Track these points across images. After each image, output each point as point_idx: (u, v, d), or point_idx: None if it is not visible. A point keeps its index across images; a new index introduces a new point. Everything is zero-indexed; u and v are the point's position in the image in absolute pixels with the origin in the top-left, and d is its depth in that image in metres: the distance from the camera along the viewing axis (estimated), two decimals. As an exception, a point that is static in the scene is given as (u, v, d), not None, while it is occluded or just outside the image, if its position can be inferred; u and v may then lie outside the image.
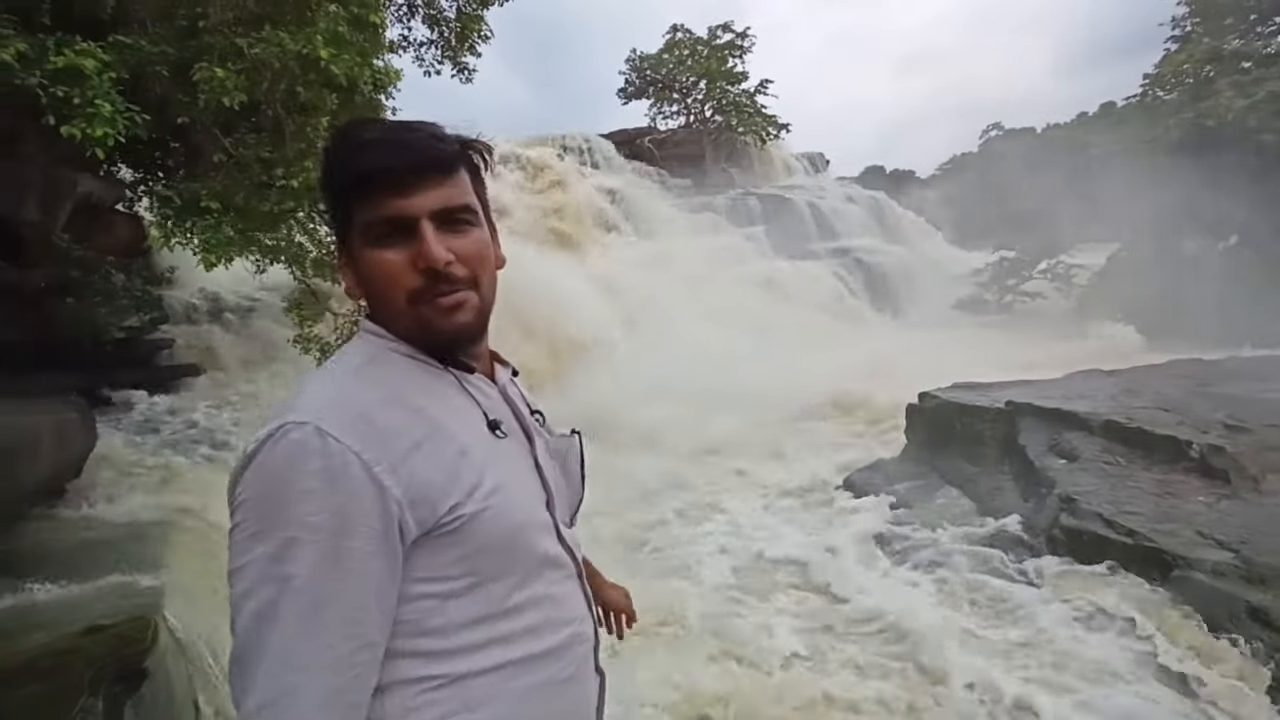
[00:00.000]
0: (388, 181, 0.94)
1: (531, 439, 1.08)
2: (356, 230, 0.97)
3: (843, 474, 8.75)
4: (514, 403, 1.10)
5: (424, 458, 0.88)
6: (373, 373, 0.95)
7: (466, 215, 1.00)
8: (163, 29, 6.05)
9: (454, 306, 0.97)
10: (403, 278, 0.95)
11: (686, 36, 35.24)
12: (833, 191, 32.87)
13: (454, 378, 1.02)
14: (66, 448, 4.90)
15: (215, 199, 6.32)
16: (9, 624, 3.26)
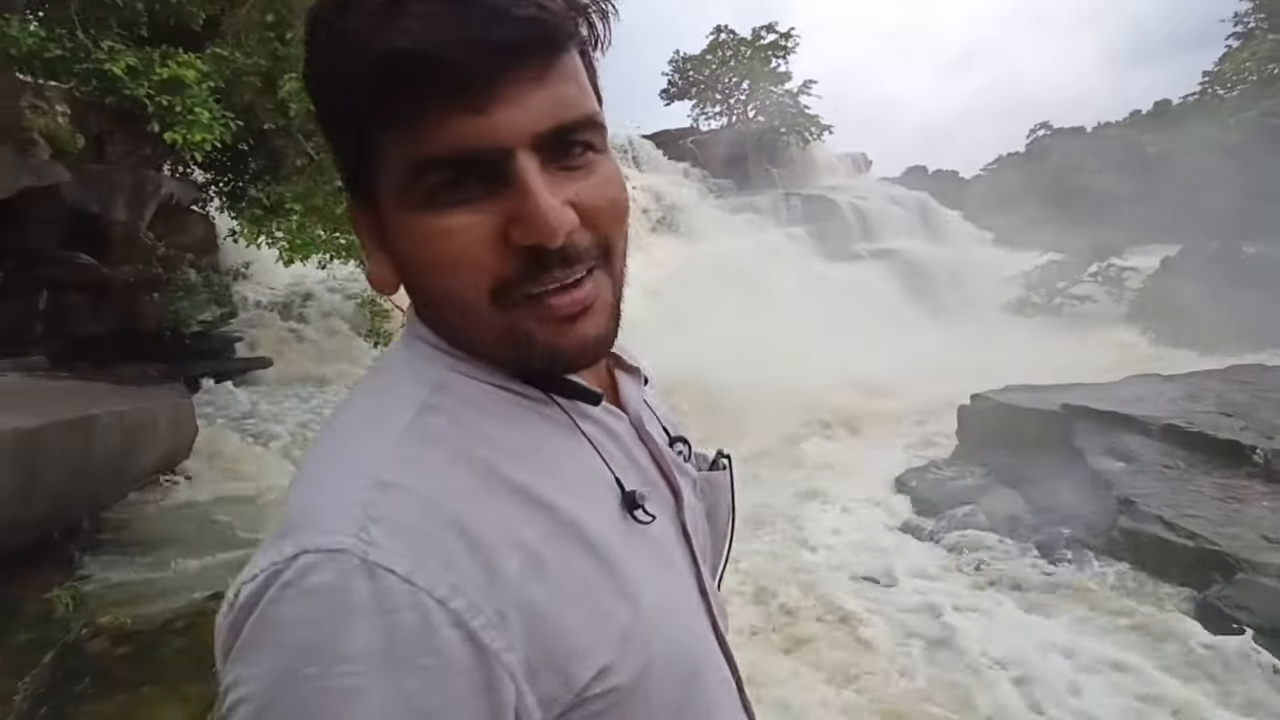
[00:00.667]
0: (453, 80, 0.50)
1: (679, 498, 0.69)
2: (392, 174, 0.54)
3: (895, 474, 8.81)
4: (652, 441, 0.69)
5: (548, 586, 0.52)
6: (442, 426, 0.55)
7: (590, 136, 0.58)
8: (253, 41, 6.43)
9: (579, 309, 0.57)
10: (484, 260, 0.54)
11: (730, 37, 35.34)
12: (876, 192, 32.61)
13: (568, 418, 0.62)
14: (180, 430, 5.29)
15: (298, 200, 6.69)
16: (143, 590, 3.59)
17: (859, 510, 8.09)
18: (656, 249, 21.64)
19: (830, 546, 7.01)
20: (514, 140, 0.52)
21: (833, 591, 5.86)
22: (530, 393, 0.62)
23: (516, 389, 0.61)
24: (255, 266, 9.99)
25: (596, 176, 0.59)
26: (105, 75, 5.58)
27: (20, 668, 2.83)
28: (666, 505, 0.68)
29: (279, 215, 6.66)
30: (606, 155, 0.61)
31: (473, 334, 0.59)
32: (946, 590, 6.09)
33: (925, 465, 8.91)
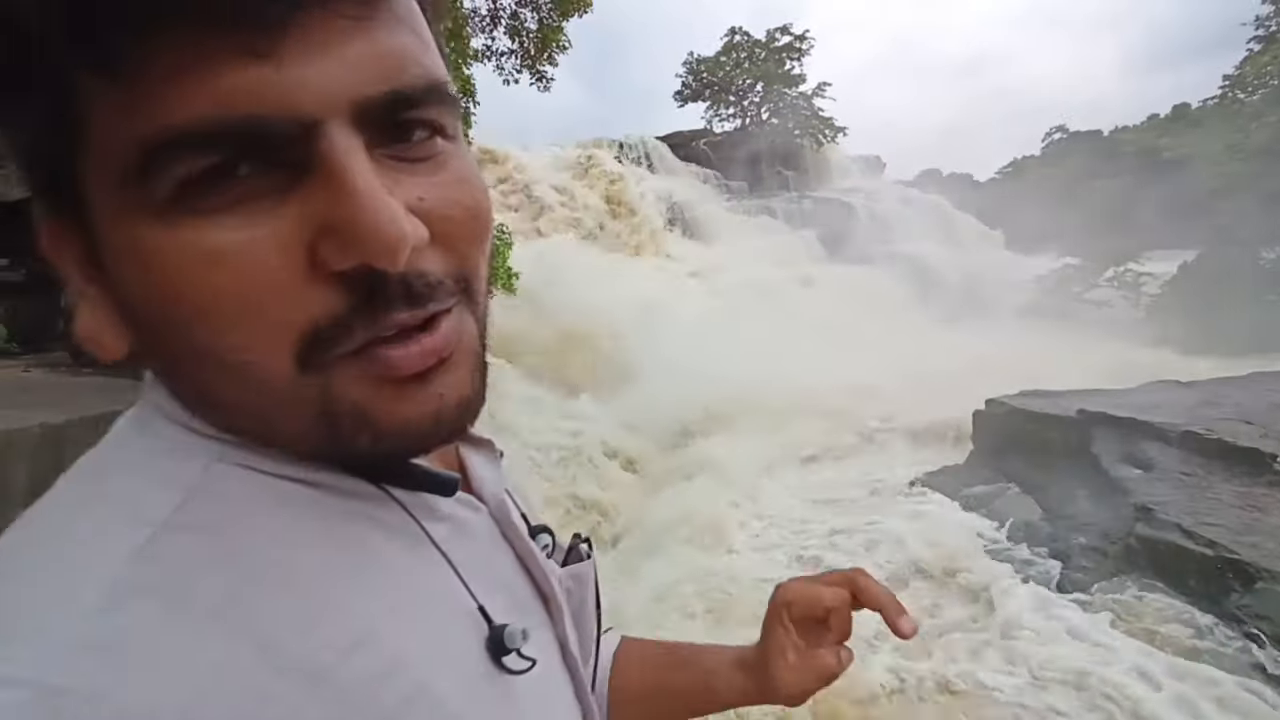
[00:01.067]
0: (219, 5, 0.30)
1: (555, 614, 0.53)
2: (108, 160, 0.34)
3: (911, 475, 8.80)
4: (520, 540, 0.52)
5: None
6: (190, 558, 0.34)
7: (438, 115, 0.40)
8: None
9: (433, 362, 0.38)
10: (281, 299, 0.34)
11: (744, 39, 35.35)
12: (889, 195, 32.51)
13: (410, 520, 0.43)
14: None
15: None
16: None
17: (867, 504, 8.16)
18: (670, 249, 21.68)
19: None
20: (322, 107, 0.33)
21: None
22: (352, 487, 0.41)
23: (328, 484, 0.40)
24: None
25: (447, 173, 0.39)
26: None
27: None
28: (543, 630, 0.51)
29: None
30: (459, 145, 0.41)
31: (263, 413, 0.38)
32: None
33: (939, 470, 8.87)
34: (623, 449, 10.20)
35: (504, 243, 7.73)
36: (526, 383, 11.25)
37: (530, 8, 8.14)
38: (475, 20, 8.31)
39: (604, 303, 14.12)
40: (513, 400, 10.39)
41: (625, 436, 10.58)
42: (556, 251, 14.83)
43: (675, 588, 6.42)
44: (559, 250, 15.19)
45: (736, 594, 6.20)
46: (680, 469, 9.81)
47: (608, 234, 20.60)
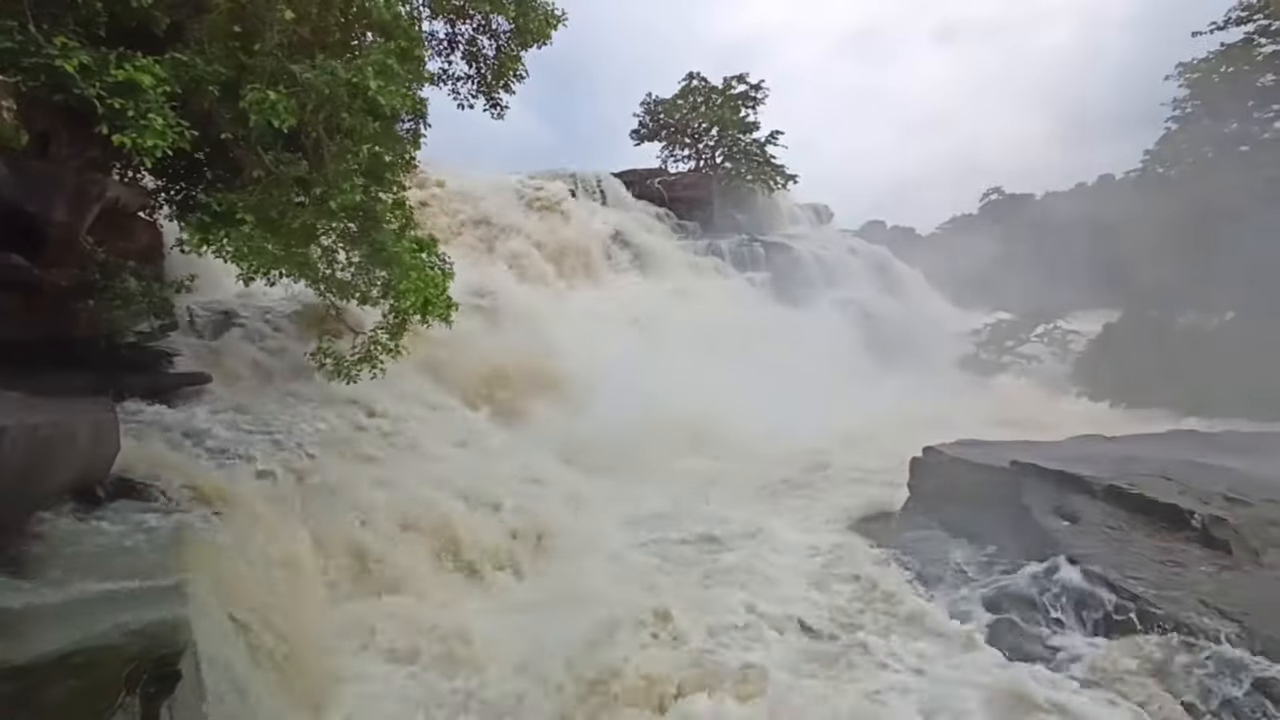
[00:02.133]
0: None
1: None
2: None
3: (848, 522, 8.82)
4: None
5: None
6: None
7: None
8: (216, 48, 6.25)
9: None
10: None
11: (702, 85, 36.21)
12: (836, 243, 33.48)
13: None
14: (101, 447, 4.93)
15: (250, 212, 6.46)
16: (38, 621, 3.26)
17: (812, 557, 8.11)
18: (620, 285, 21.72)
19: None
20: None
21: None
22: None
23: None
24: (201, 280, 9.61)
25: None
26: (55, 71, 5.33)
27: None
28: None
29: (229, 224, 6.39)
30: None
31: None
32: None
33: (877, 515, 8.94)
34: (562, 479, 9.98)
35: (445, 273, 7.54)
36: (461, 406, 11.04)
37: (488, 35, 8.12)
38: (432, 43, 8.25)
39: (552, 335, 13.98)
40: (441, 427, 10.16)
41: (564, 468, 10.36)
42: (502, 282, 14.63)
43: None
44: (505, 281, 14.99)
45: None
46: (624, 501, 9.68)
47: (556, 265, 20.51)
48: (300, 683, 4.62)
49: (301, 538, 6.30)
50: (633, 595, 6.78)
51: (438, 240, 8.09)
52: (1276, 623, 5.16)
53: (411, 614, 6.24)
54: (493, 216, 20.91)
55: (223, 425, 7.90)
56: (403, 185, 8.23)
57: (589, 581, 7.29)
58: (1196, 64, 24.03)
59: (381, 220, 7.39)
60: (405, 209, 7.94)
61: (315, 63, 6.05)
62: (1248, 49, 23.07)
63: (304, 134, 6.69)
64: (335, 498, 7.30)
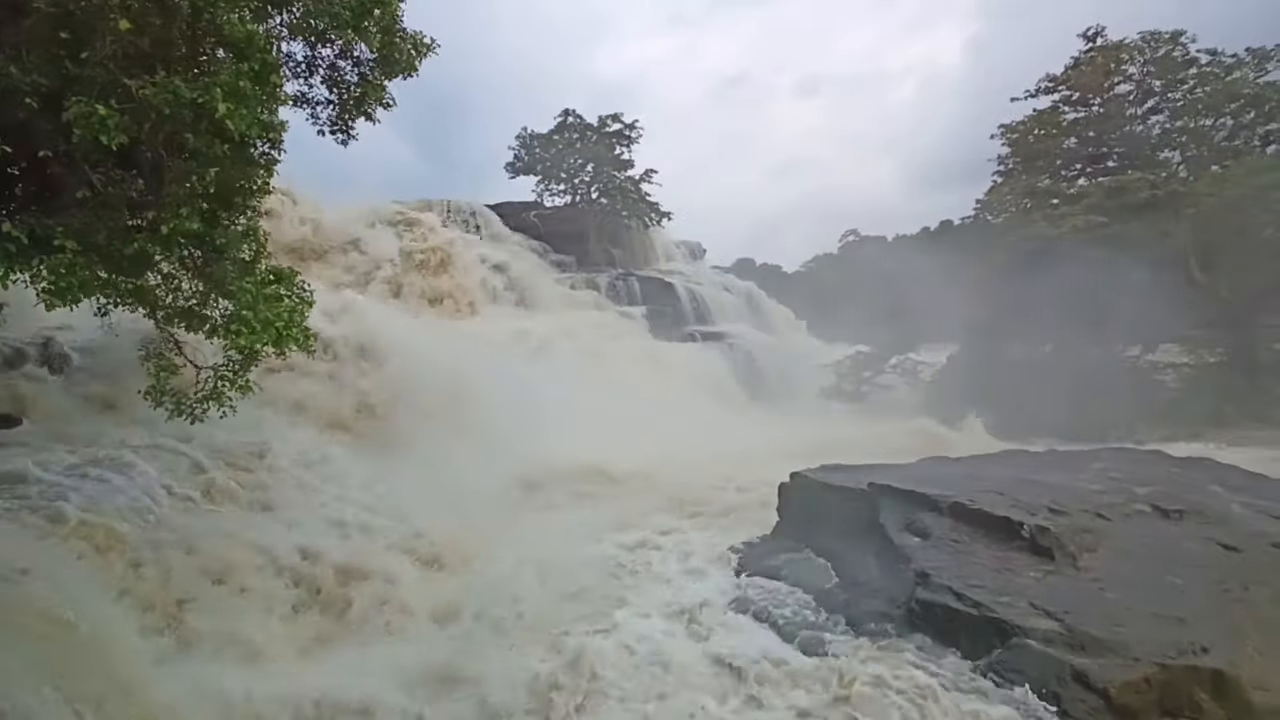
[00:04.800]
0: None
1: None
2: None
3: (722, 549, 9.01)
4: None
5: None
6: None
7: None
8: (36, 56, 5.67)
9: None
10: None
11: (577, 121, 36.85)
12: (709, 279, 34.87)
13: None
14: None
15: (72, 237, 5.82)
16: None
17: (684, 582, 8.23)
18: (496, 317, 21.40)
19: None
20: None
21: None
22: None
23: None
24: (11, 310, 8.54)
25: None
26: None
27: None
28: None
29: (43, 251, 5.73)
30: None
31: None
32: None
33: (751, 541, 9.20)
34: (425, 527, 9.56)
35: (304, 300, 7.12)
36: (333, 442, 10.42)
37: (351, 61, 7.86)
38: (290, 64, 7.87)
39: (423, 368, 13.49)
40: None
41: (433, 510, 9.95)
42: (372, 311, 14.03)
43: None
44: (374, 310, 14.39)
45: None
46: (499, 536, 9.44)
47: (430, 298, 19.96)
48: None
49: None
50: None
51: (297, 271, 7.64)
52: (1091, 620, 5.75)
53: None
54: (364, 245, 20.13)
55: (37, 469, 6.98)
56: (257, 211, 7.74)
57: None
58: (1015, 125, 27.31)
59: (224, 250, 6.86)
60: (258, 237, 7.45)
61: (155, 79, 5.61)
62: (1055, 114, 26.49)
63: (139, 153, 6.17)
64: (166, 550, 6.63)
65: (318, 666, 6.37)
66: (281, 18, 7.46)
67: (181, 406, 7.28)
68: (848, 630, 6.77)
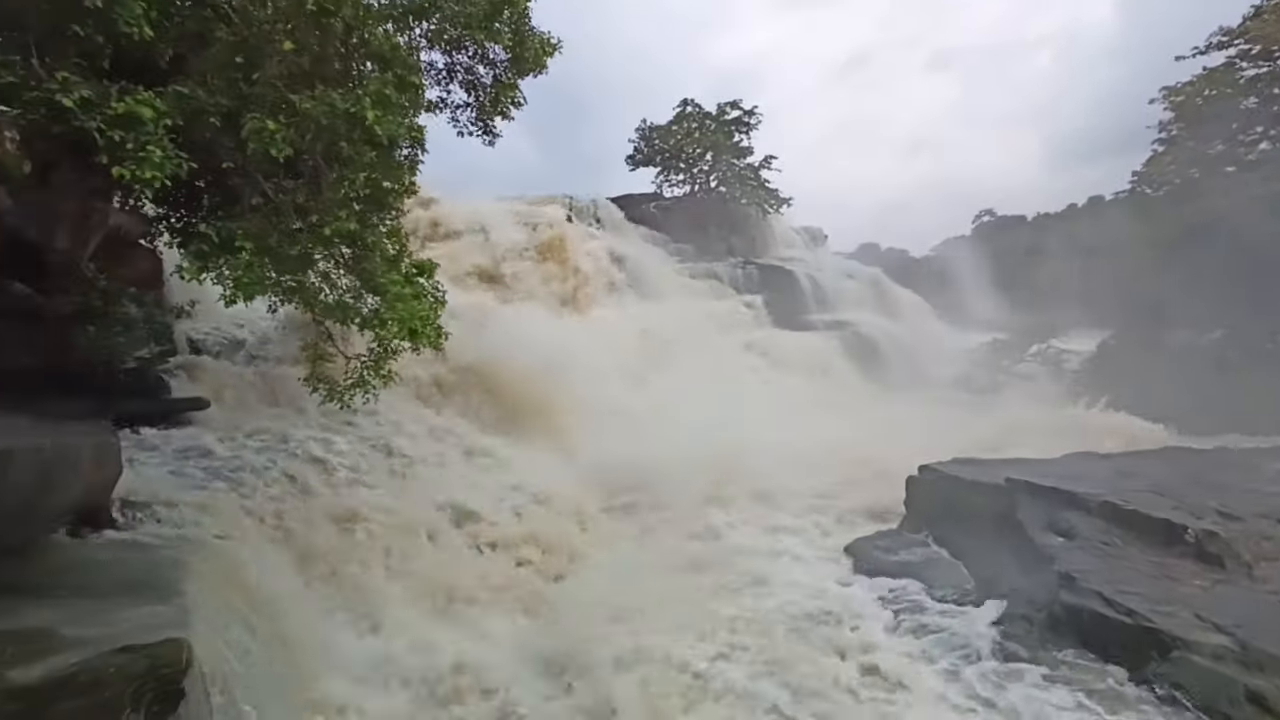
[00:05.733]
0: None
1: None
2: None
3: (844, 542, 8.83)
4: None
5: None
6: None
7: None
8: (219, 80, 6.39)
9: None
10: None
11: (696, 111, 36.69)
12: (830, 265, 33.79)
13: None
14: (103, 470, 4.98)
15: (249, 239, 6.53)
16: (43, 641, 3.29)
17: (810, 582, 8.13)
18: (618, 308, 21.83)
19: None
20: None
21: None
22: None
23: None
24: (201, 306, 9.68)
25: None
26: (55, 105, 5.43)
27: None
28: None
29: (227, 253, 6.47)
30: None
31: None
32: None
33: (873, 535, 8.95)
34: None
35: (438, 300, 7.62)
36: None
37: (485, 64, 8.31)
38: (431, 72, 8.42)
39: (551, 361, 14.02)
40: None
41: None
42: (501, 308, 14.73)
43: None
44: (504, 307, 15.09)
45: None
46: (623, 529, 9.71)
47: (553, 290, 20.63)
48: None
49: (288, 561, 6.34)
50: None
51: (437, 265, 8.19)
52: (1270, 636, 5.19)
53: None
54: (491, 240, 21.08)
55: (222, 448, 7.93)
56: (400, 211, 8.35)
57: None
58: (1180, 87, 24.49)
59: (374, 249, 7.46)
60: (400, 236, 8.04)
61: (314, 93, 6.18)
62: (1230, 72, 23.53)
63: (302, 162, 6.82)
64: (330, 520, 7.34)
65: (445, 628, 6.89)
66: (421, 28, 8.00)
67: (333, 393, 8.01)
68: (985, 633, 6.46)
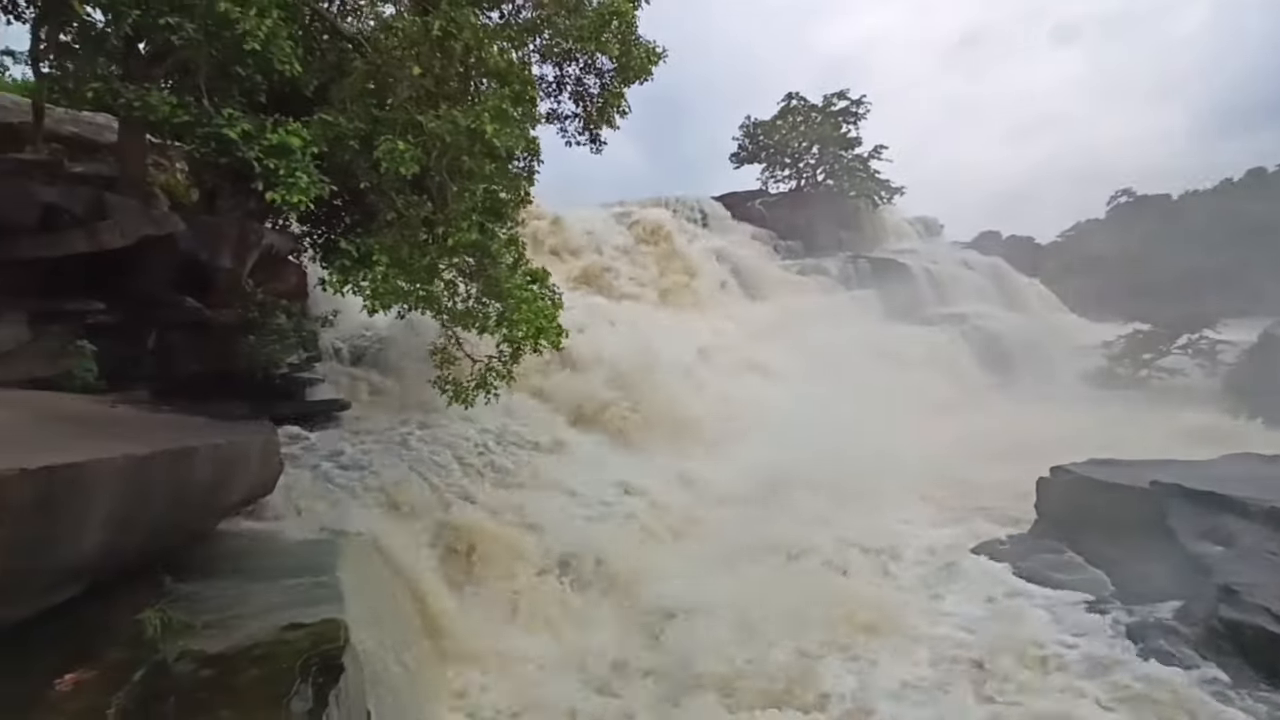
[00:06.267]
0: None
1: None
2: None
3: (968, 546, 8.45)
4: None
5: None
6: None
7: None
8: (355, 106, 6.95)
9: None
10: None
11: (801, 104, 36.02)
12: (947, 256, 32.18)
13: None
14: (267, 466, 5.57)
15: (384, 253, 7.07)
16: (221, 617, 3.73)
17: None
18: (724, 308, 21.79)
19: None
20: None
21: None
22: None
23: None
24: (341, 315, 10.54)
25: None
26: (223, 139, 6.09)
27: (113, 684, 2.97)
28: None
29: (366, 266, 7.03)
30: None
31: None
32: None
33: (1000, 539, 8.51)
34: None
35: (555, 303, 7.95)
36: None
37: (594, 74, 8.57)
38: (542, 85, 8.78)
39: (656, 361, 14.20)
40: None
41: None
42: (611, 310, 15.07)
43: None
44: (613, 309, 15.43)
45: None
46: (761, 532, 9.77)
47: (661, 291, 20.85)
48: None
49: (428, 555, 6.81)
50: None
51: (548, 272, 8.55)
52: None
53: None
54: (599, 245, 21.58)
55: (360, 447, 8.60)
56: (516, 221, 8.76)
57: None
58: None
59: (496, 256, 7.89)
60: (518, 245, 8.44)
61: (439, 112, 6.60)
62: None
63: (429, 178, 7.30)
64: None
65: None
66: (534, 43, 8.37)
67: (459, 393, 8.52)
68: (1129, 648, 6.01)
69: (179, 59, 6.18)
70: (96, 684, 2.95)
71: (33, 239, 5.96)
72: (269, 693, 3.02)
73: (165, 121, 6.09)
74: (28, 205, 5.90)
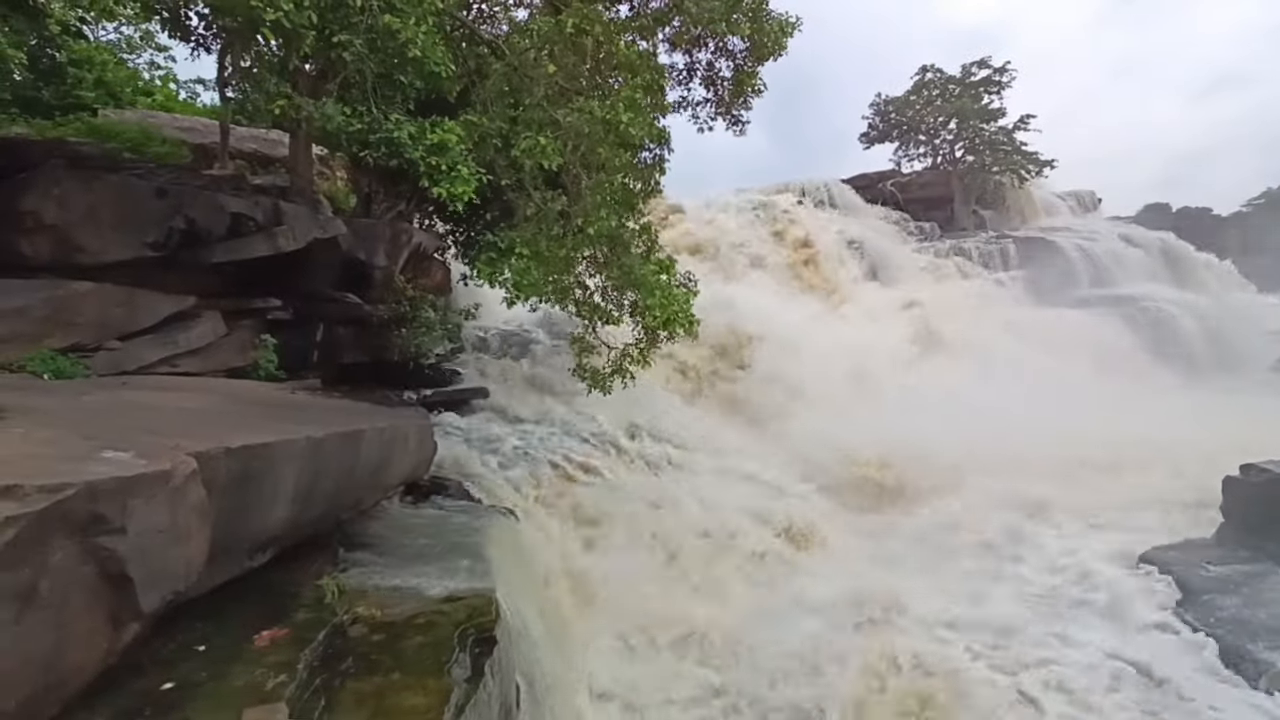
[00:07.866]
0: None
1: None
2: None
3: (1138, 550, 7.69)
4: None
5: None
6: None
7: None
8: (496, 107, 7.28)
9: None
10: None
11: (937, 76, 33.78)
12: (1105, 233, 29.25)
13: None
14: (424, 447, 6.02)
15: (525, 246, 7.38)
16: (386, 585, 4.06)
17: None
18: (855, 295, 21.03)
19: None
20: None
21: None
22: None
23: None
24: (482, 308, 11.14)
25: None
26: (393, 141, 6.58)
27: (302, 641, 3.30)
28: None
29: (509, 258, 7.37)
30: None
31: None
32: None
33: (1181, 543, 7.67)
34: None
35: (689, 290, 8.01)
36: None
37: (725, 57, 8.50)
38: (672, 74, 8.82)
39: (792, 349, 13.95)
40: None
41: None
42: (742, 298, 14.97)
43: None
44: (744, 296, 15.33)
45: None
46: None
47: (790, 278, 20.43)
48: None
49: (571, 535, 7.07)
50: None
51: (674, 260, 8.61)
52: None
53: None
54: (728, 235, 21.46)
55: (503, 431, 9.05)
56: (644, 212, 8.88)
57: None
58: None
59: (629, 245, 8.05)
60: (650, 233, 8.54)
61: (574, 106, 6.79)
62: None
63: (565, 172, 7.53)
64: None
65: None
66: (664, 32, 8.42)
67: (596, 379, 8.77)
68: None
69: (346, 72, 6.69)
70: (288, 641, 3.27)
71: (224, 245, 6.69)
72: (433, 659, 3.25)
73: (340, 130, 6.63)
74: (220, 215, 6.62)
